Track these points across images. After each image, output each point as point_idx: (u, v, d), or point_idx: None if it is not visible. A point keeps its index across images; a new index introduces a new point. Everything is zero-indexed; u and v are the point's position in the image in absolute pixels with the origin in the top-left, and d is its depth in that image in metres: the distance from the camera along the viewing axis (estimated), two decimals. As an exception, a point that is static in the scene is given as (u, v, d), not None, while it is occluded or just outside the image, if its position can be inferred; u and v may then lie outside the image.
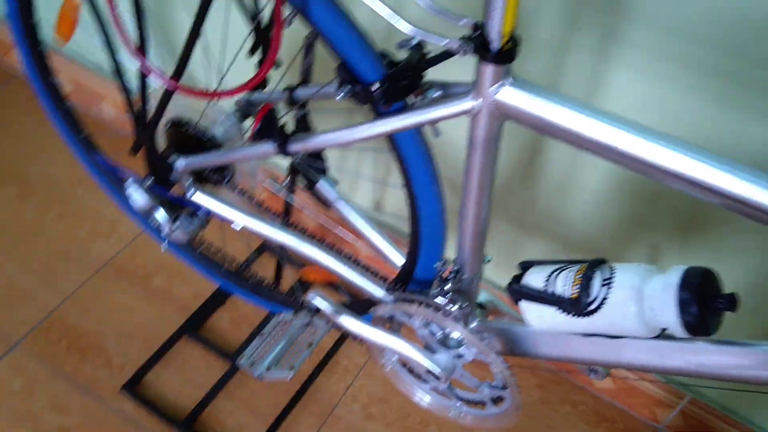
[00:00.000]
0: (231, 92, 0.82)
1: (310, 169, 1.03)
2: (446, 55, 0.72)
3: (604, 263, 0.77)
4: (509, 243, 1.28)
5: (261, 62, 0.99)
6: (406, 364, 1.04)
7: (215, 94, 0.83)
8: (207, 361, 1.41)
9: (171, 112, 0.97)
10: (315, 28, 0.77)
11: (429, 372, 0.93)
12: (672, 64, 0.90)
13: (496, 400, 0.96)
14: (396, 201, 1.40)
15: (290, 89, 0.94)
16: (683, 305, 0.69)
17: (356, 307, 1.05)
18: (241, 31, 0.93)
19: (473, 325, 0.90)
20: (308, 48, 0.96)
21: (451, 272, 0.87)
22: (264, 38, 0.96)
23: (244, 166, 1.00)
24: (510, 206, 1.23)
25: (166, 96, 0.87)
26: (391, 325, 0.98)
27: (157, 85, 0.89)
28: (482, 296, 0.95)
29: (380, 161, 1.35)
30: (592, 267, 0.77)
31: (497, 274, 1.33)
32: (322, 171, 1.03)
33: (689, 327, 0.70)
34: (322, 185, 1.03)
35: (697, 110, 0.92)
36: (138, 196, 0.97)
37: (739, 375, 0.71)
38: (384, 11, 0.68)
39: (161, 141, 1.00)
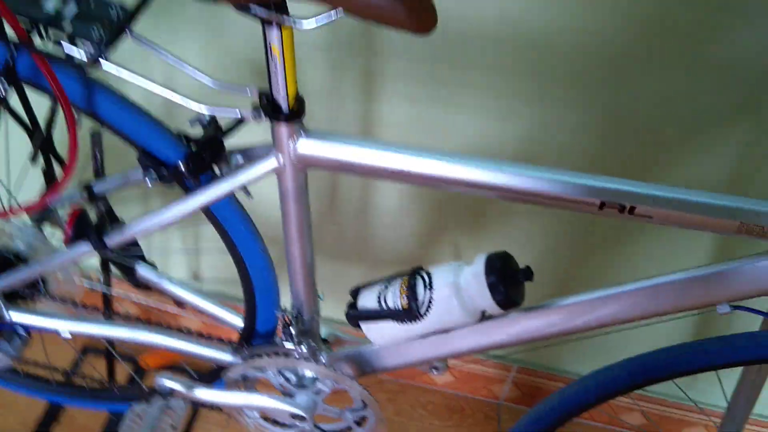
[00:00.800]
0: (31, 207, 0.82)
1: (126, 258, 1.03)
2: (240, 122, 0.78)
3: (421, 270, 0.87)
4: (334, 276, 1.36)
5: (47, 169, 0.98)
6: (268, 418, 1.07)
7: (12, 213, 0.82)
8: (55, 486, 1.32)
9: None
10: (106, 125, 0.79)
11: (293, 416, 0.98)
12: (422, 85, 1.05)
13: (360, 422, 1.03)
14: (213, 265, 1.42)
15: (88, 186, 0.94)
16: (492, 287, 0.81)
17: (206, 379, 1.06)
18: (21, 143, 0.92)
19: (323, 359, 0.97)
20: (95, 142, 0.97)
21: (291, 317, 0.93)
22: (47, 145, 0.95)
23: (57, 272, 0.98)
24: (324, 243, 1.31)
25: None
26: (245, 384, 1.02)
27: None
28: (323, 331, 1.02)
29: (187, 232, 1.37)
30: (412, 276, 0.87)
31: (332, 307, 1.41)
32: (139, 257, 1.04)
33: (501, 304, 0.82)
34: (142, 270, 1.04)
35: (454, 119, 1.08)
36: (-54, 334, 0.91)
37: (550, 332, 0.85)
38: (175, 97, 0.73)
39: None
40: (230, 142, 0.81)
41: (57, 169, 0.98)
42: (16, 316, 0.95)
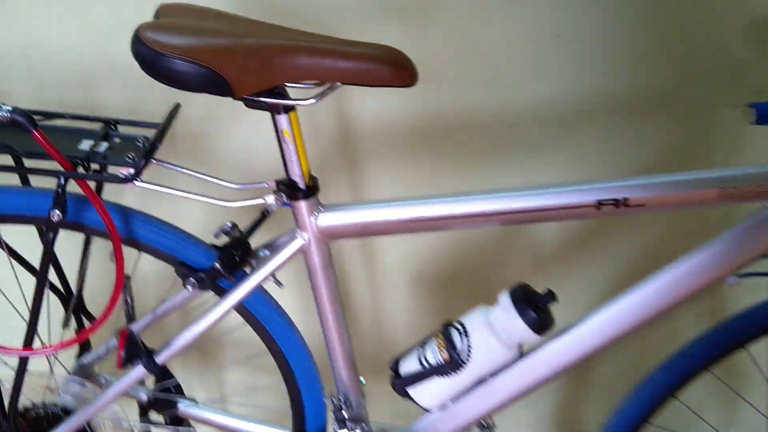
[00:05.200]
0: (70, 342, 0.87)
1: (168, 398, 1.05)
2: (263, 217, 0.87)
3: (452, 322, 0.92)
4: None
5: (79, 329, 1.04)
6: None
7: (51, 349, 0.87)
8: None
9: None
10: (145, 247, 0.87)
11: None
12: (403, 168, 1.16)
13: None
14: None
15: (125, 331, 0.98)
16: (523, 314, 0.87)
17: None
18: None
19: (380, 442, 0.97)
20: (125, 286, 1.03)
21: (339, 402, 0.95)
22: (80, 306, 1.02)
23: (106, 419, 0.99)
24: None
25: (22, 367, 0.87)
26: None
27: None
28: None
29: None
30: (445, 329, 0.92)
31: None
32: (180, 393, 1.06)
33: (536, 327, 0.87)
34: (183, 406, 1.05)
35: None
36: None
37: (588, 349, 0.89)
38: (207, 200, 0.82)
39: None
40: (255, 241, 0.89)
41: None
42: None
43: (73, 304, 1.01)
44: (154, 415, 1.08)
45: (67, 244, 1.01)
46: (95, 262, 0.99)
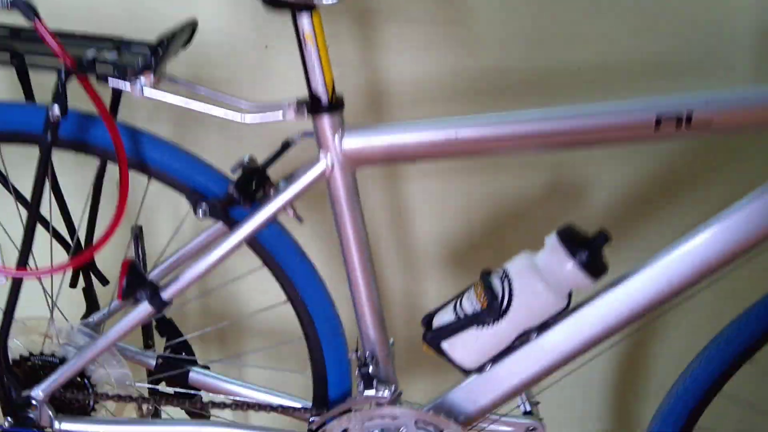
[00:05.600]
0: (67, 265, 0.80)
1: (178, 363, 0.96)
2: (284, 147, 0.79)
3: (491, 270, 0.82)
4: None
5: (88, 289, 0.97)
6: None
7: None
8: None
9: (12, 351, 0.87)
10: (154, 171, 0.80)
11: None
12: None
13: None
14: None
15: (127, 260, 0.90)
16: (574, 253, 0.76)
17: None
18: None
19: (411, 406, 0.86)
20: (137, 237, 0.96)
21: (365, 358, 0.84)
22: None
23: (108, 375, 0.90)
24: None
25: (15, 291, 0.79)
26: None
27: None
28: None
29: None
30: (485, 276, 0.81)
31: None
32: (192, 360, 0.97)
33: (590, 268, 0.76)
34: (195, 374, 0.96)
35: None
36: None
37: (651, 299, 0.77)
38: (218, 111, 0.74)
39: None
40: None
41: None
42: (68, 426, 0.85)
43: (75, 244, 0.93)
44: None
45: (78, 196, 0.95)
46: (106, 213, 0.92)
